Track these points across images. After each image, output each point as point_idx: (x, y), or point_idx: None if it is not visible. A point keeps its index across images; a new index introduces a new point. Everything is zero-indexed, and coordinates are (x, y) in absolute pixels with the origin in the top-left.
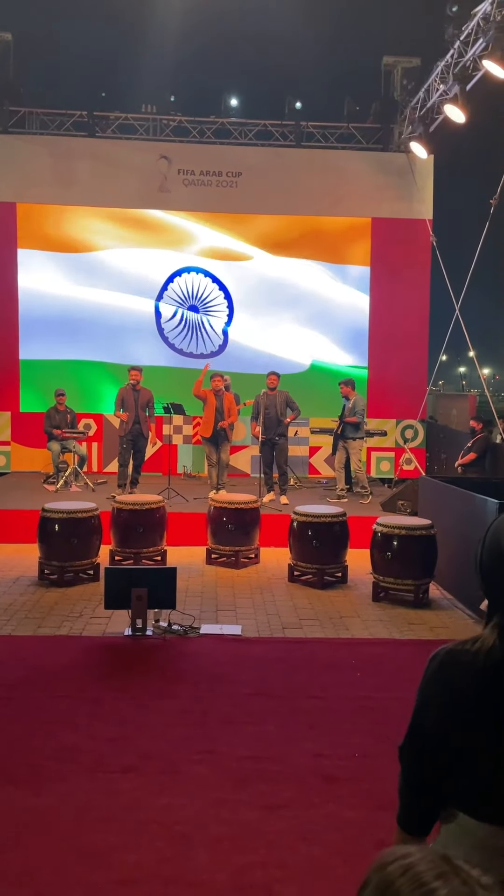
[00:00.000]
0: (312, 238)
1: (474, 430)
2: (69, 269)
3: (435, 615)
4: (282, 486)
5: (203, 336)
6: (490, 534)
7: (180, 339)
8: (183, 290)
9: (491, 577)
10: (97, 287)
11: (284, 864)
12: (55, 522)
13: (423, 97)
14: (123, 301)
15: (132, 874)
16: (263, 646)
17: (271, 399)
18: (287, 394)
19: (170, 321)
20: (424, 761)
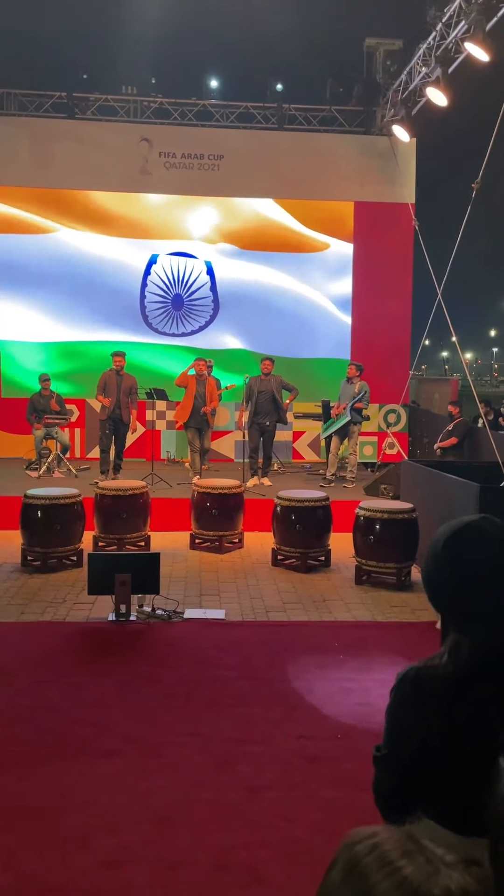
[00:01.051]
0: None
1: (452, 414)
2: (47, 252)
3: (417, 597)
4: (265, 469)
5: (187, 320)
6: (430, 543)
7: (163, 323)
8: (168, 274)
9: (432, 589)
10: (79, 270)
11: (267, 844)
12: (38, 508)
13: (406, 80)
14: (107, 284)
15: (116, 856)
16: (247, 629)
17: (265, 384)
18: (281, 378)
19: (154, 308)
20: (402, 774)
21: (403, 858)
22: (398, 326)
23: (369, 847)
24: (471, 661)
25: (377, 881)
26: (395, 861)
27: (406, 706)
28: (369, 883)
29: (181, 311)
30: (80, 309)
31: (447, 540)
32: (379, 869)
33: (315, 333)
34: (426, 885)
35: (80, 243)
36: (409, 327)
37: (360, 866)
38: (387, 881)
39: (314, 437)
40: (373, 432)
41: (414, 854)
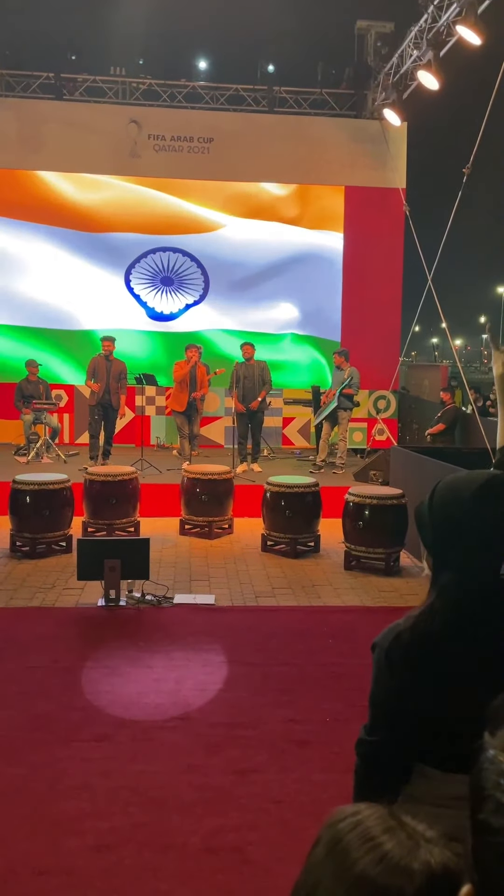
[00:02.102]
0: (285, 207)
1: (444, 401)
2: (35, 237)
3: (405, 583)
4: (254, 455)
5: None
6: (441, 490)
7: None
8: (157, 265)
9: (441, 533)
10: (67, 254)
11: (256, 827)
12: (26, 494)
13: (397, 63)
14: (94, 269)
15: (106, 839)
16: (237, 614)
17: (250, 369)
18: (265, 364)
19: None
20: (389, 749)
21: (385, 834)
22: (388, 312)
23: (351, 824)
24: (464, 598)
25: (358, 857)
26: (376, 837)
27: (387, 667)
28: (351, 859)
29: (171, 288)
30: (67, 294)
31: (482, 485)
32: (360, 845)
33: (305, 319)
34: (406, 860)
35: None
36: (400, 313)
37: (342, 843)
38: (368, 857)
39: (304, 423)
40: (362, 418)
41: (395, 830)
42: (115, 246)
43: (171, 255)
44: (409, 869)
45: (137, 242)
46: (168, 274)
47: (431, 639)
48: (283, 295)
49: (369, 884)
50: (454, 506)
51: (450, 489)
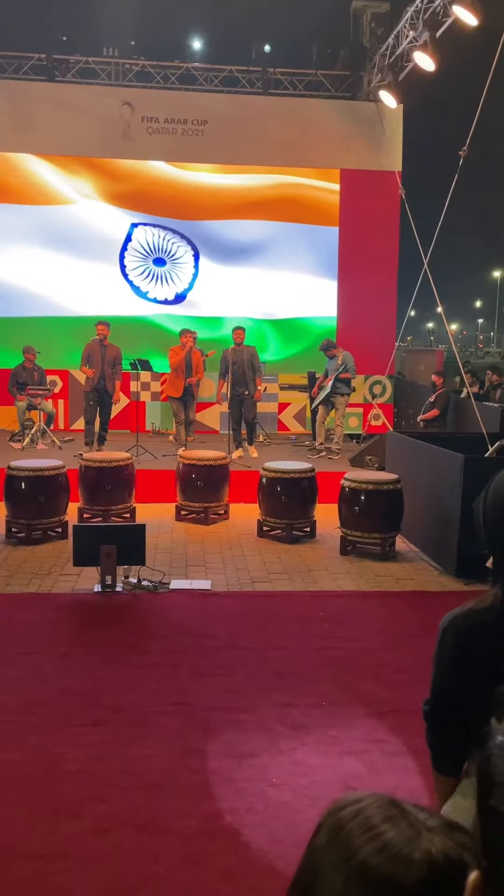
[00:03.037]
0: (282, 191)
1: (435, 384)
2: (26, 220)
3: (401, 567)
4: (250, 439)
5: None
6: (494, 486)
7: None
8: (148, 243)
9: (496, 529)
10: (57, 238)
11: (253, 810)
12: (22, 480)
13: (393, 44)
14: (87, 253)
15: (104, 823)
16: (233, 600)
17: (239, 354)
18: (254, 350)
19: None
20: (450, 723)
21: (386, 823)
22: (384, 297)
23: (353, 812)
24: None
25: (359, 845)
26: (377, 826)
27: (453, 651)
28: (352, 847)
29: (164, 269)
30: (61, 279)
31: None
32: (362, 833)
33: (301, 303)
34: (407, 849)
35: (60, 210)
36: (395, 298)
37: (343, 831)
38: (369, 845)
39: (300, 408)
40: (358, 404)
41: (396, 819)
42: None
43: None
44: (410, 858)
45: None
46: (160, 255)
47: (486, 628)
48: (278, 279)
49: (370, 873)
50: (500, 507)
51: (499, 484)
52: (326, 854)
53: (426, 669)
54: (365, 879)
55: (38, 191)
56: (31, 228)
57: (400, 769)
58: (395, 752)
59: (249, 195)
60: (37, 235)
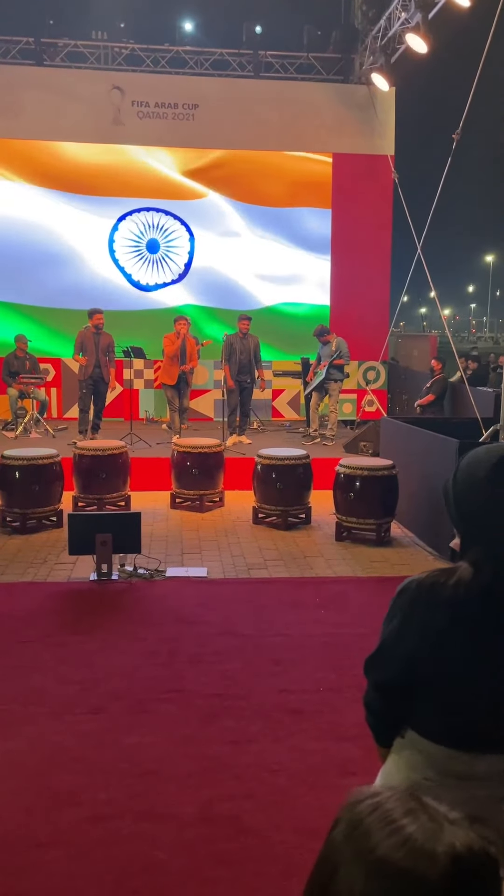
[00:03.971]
0: (273, 176)
1: (433, 370)
2: (17, 205)
3: (396, 553)
4: (242, 427)
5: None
6: (464, 466)
7: (141, 275)
8: (142, 225)
9: (466, 509)
10: (47, 225)
11: (252, 795)
12: (15, 469)
13: (385, 25)
14: (77, 239)
15: (103, 810)
16: (229, 587)
17: (244, 343)
18: (258, 340)
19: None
20: (390, 682)
21: (406, 817)
22: (377, 282)
23: (372, 806)
24: (494, 570)
25: (379, 840)
26: (397, 820)
27: (406, 616)
28: (372, 842)
29: (157, 255)
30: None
31: (496, 465)
32: (381, 828)
33: (294, 288)
34: (430, 843)
35: (50, 197)
36: (389, 283)
37: (362, 825)
38: (389, 840)
39: (294, 395)
40: (352, 389)
41: (417, 812)
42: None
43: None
44: (433, 852)
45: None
46: (154, 235)
47: (445, 601)
48: (271, 265)
49: (391, 867)
50: (471, 485)
51: (467, 467)
52: (345, 849)
53: None
54: (387, 874)
55: (29, 175)
56: (21, 212)
57: None
58: None
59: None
60: (27, 219)
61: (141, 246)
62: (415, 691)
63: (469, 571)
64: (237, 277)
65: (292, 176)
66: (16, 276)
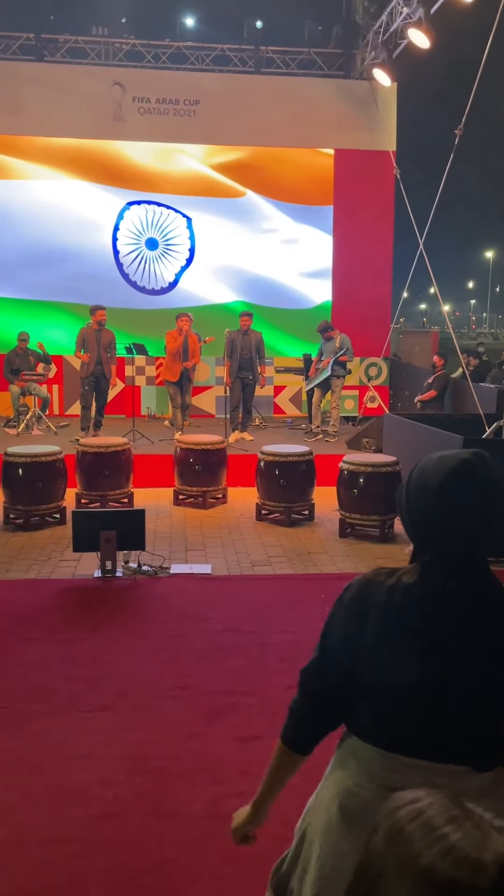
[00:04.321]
0: (275, 171)
1: (435, 365)
2: (17, 201)
3: (400, 549)
4: (244, 424)
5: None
6: (416, 474)
7: (140, 275)
8: (141, 221)
9: (418, 516)
10: (49, 221)
11: None
12: (19, 466)
13: (387, 21)
14: (78, 236)
15: (110, 808)
16: (233, 583)
17: (246, 339)
18: (260, 336)
19: (128, 255)
20: (326, 686)
21: (450, 824)
22: (379, 278)
23: (413, 812)
24: (444, 577)
25: (423, 848)
26: (440, 827)
27: (347, 616)
28: (415, 850)
29: (156, 253)
30: (52, 263)
31: (447, 476)
32: (425, 836)
33: (295, 285)
34: (477, 852)
35: (50, 193)
36: (391, 279)
37: (403, 833)
38: (433, 848)
39: (295, 391)
40: (354, 386)
41: (460, 819)
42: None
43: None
44: (481, 861)
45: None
46: (153, 234)
47: (388, 602)
48: (272, 262)
49: (437, 877)
50: (423, 493)
51: (420, 476)
52: (386, 857)
53: None
54: (432, 884)
55: (30, 172)
56: (23, 209)
57: None
58: None
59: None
60: (28, 217)
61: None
62: (353, 694)
63: (413, 575)
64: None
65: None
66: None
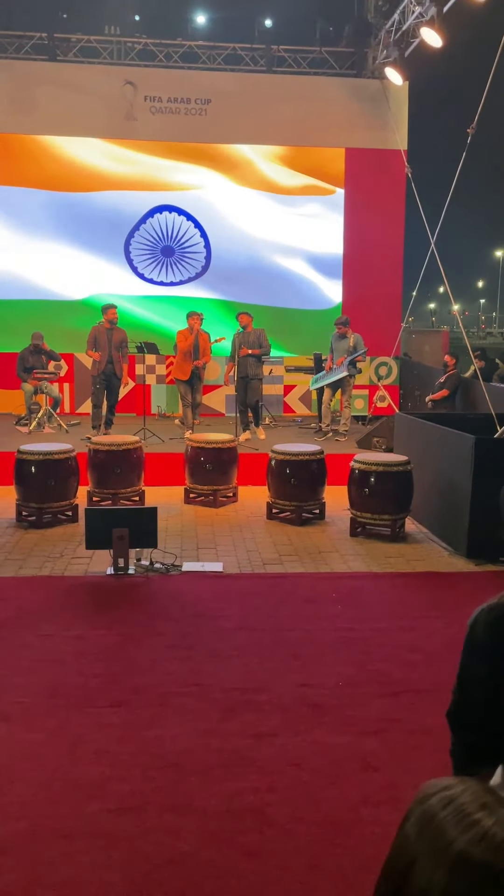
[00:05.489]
0: (285, 171)
1: (447, 364)
2: (31, 202)
3: (411, 548)
4: (256, 421)
5: (178, 269)
6: None
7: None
8: (157, 229)
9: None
10: (62, 222)
11: (275, 789)
12: (32, 464)
13: (398, 19)
14: (92, 237)
15: (127, 803)
16: (245, 581)
17: (247, 338)
18: (262, 331)
19: (142, 259)
20: (474, 727)
21: (482, 811)
22: (389, 277)
23: (444, 800)
24: None
25: (456, 835)
26: (472, 814)
27: (482, 648)
28: (448, 837)
29: (172, 258)
30: (65, 263)
31: None
32: (457, 823)
33: (306, 285)
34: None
35: (64, 194)
36: (401, 278)
37: (435, 820)
38: (467, 835)
39: (305, 390)
40: (364, 385)
41: (493, 806)
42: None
43: (172, 219)
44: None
45: (136, 202)
46: (169, 243)
47: None
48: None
49: (472, 862)
50: None
51: None
52: (419, 844)
53: (439, 649)
54: (467, 870)
55: (42, 173)
56: (35, 210)
57: (419, 748)
58: (412, 730)
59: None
60: (41, 218)
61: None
62: None
63: None
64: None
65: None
66: (29, 271)
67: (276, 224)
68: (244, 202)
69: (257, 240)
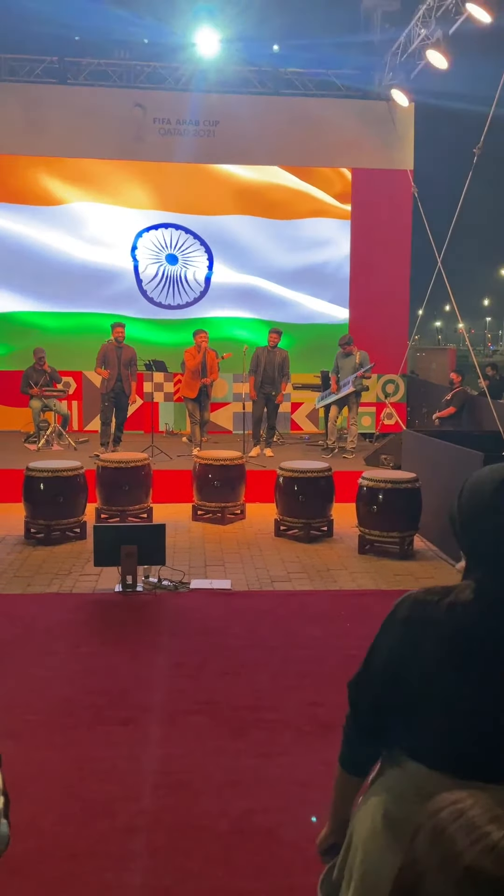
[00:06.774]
0: (292, 190)
1: (452, 382)
2: (40, 222)
3: (420, 566)
4: (268, 440)
5: (183, 287)
6: (468, 487)
7: (159, 291)
8: (159, 242)
9: (471, 530)
10: (71, 241)
11: (285, 808)
12: (40, 481)
13: (405, 41)
14: (99, 255)
15: (136, 821)
16: (253, 599)
17: (271, 356)
18: (286, 354)
19: (148, 273)
20: (374, 704)
21: (492, 824)
22: (396, 295)
23: (455, 813)
24: (497, 599)
25: (466, 847)
26: (482, 826)
27: (397, 634)
28: (457, 850)
29: (177, 280)
30: (74, 281)
31: (500, 487)
32: (467, 836)
33: (313, 302)
34: None
35: (73, 213)
36: (408, 296)
37: (446, 833)
38: (477, 847)
39: (312, 408)
40: (371, 403)
41: (503, 819)
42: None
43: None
44: None
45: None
46: (172, 251)
47: (445, 622)
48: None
49: (482, 875)
50: (476, 507)
51: (474, 485)
52: (429, 857)
53: None
54: (476, 883)
55: (53, 193)
56: (45, 230)
57: None
58: None
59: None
60: (50, 238)
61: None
62: (403, 712)
63: (468, 592)
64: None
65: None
66: (36, 290)
67: (282, 242)
68: (251, 221)
69: (264, 257)
